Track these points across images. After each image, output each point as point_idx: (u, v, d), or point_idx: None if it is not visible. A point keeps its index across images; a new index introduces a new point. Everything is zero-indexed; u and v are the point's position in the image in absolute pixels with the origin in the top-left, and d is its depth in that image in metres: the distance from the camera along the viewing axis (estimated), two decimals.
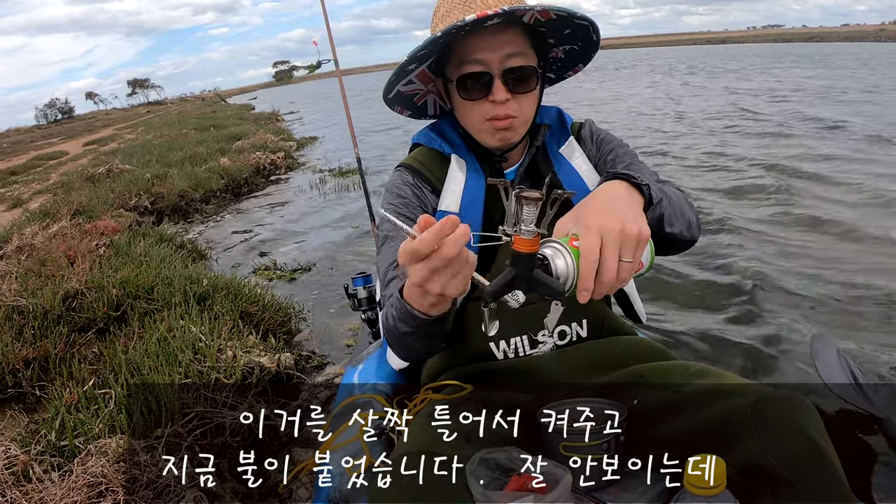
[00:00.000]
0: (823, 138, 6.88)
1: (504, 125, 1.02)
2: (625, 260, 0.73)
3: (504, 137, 1.05)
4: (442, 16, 1.03)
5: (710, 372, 0.97)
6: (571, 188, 1.11)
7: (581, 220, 0.76)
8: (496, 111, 1.00)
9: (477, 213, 1.08)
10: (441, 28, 0.97)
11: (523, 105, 1.03)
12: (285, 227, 5.41)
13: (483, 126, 1.04)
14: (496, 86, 0.99)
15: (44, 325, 2.51)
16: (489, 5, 0.98)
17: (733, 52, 43.39)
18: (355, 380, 1.34)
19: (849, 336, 2.36)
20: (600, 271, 0.72)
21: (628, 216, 0.75)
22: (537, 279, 0.69)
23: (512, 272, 0.69)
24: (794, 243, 3.50)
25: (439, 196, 1.10)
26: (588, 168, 1.13)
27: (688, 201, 1.02)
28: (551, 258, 0.73)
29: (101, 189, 6.28)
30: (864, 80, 14.54)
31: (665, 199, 0.91)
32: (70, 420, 1.68)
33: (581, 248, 0.73)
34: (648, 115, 10.41)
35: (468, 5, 0.99)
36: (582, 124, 1.18)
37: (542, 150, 1.13)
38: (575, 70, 1.17)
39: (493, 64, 0.98)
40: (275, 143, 10.10)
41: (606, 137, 1.16)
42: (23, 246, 3.90)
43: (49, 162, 14.63)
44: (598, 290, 0.73)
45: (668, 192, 0.95)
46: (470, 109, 1.03)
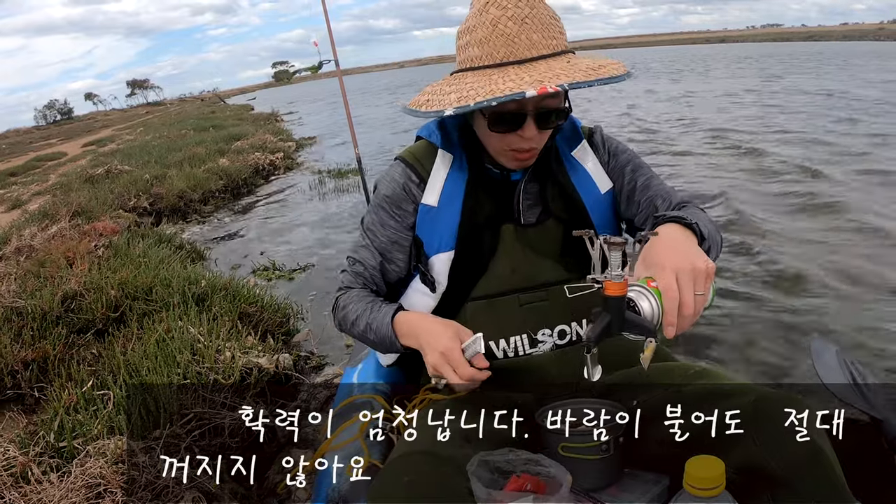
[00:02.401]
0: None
1: (526, 157, 1.04)
2: (698, 294, 0.80)
3: (523, 164, 1.08)
4: (479, 41, 0.97)
5: (710, 372, 0.97)
6: (585, 191, 1.12)
7: (655, 263, 0.83)
8: (521, 145, 1.01)
9: (455, 209, 1.10)
10: (477, 53, 0.96)
11: (546, 135, 1.05)
12: (284, 227, 5.41)
13: (505, 153, 1.05)
14: (528, 124, 0.98)
15: (43, 327, 2.51)
16: (536, 48, 0.95)
17: (732, 51, 43.45)
18: (354, 380, 1.34)
19: (848, 336, 2.36)
20: (681, 307, 0.79)
21: (693, 254, 0.83)
22: (630, 320, 0.77)
23: (607, 316, 0.76)
24: (793, 244, 3.50)
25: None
26: (600, 172, 1.15)
27: (714, 224, 1.05)
28: (636, 300, 0.79)
29: (100, 190, 6.27)
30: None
31: (709, 226, 0.96)
32: (69, 421, 1.67)
33: (662, 287, 0.79)
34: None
35: (512, 43, 0.95)
36: (593, 130, 1.19)
37: (555, 153, 1.13)
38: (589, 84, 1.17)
39: (528, 105, 0.97)
40: (274, 143, 10.10)
41: (620, 147, 1.18)
42: (22, 247, 3.90)
43: (48, 163, 14.62)
44: (680, 325, 0.80)
45: (704, 223, 0.98)
46: (495, 138, 1.03)
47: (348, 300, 1.15)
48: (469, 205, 1.09)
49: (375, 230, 1.15)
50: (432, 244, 1.11)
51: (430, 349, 1.00)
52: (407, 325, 1.06)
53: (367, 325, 1.10)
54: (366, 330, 1.11)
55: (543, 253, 1.10)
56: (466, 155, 1.11)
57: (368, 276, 1.17)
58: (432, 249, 1.11)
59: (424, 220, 1.11)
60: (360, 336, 1.14)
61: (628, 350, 0.92)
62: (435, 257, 1.11)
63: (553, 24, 0.98)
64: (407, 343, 1.06)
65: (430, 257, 1.12)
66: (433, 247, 1.11)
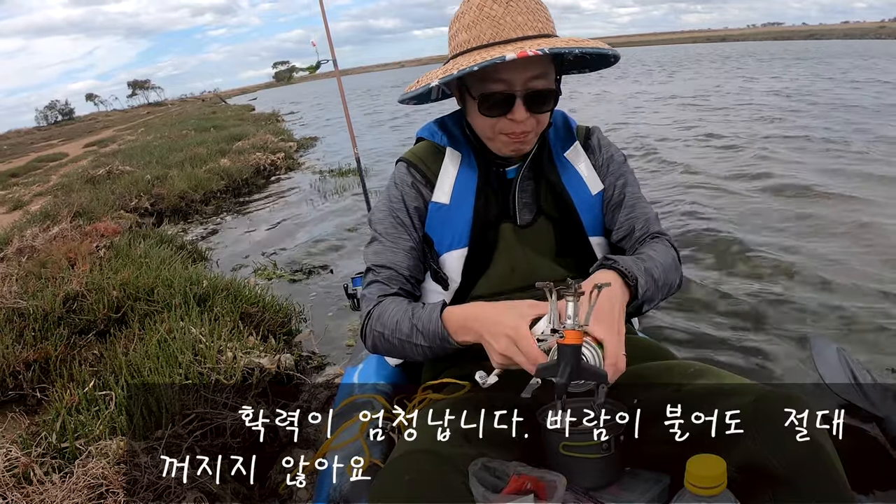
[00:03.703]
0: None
1: (520, 140, 1.05)
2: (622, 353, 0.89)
3: (517, 149, 1.08)
4: (467, 25, 1.01)
5: (710, 372, 0.97)
6: (575, 192, 1.13)
7: (601, 321, 0.89)
8: (513, 129, 1.02)
9: (467, 207, 1.10)
10: (465, 37, 1.00)
11: (540, 120, 1.05)
12: (285, 227, 5.41)
13: (497, 137, 1.06)
14: (517, 106, 1.00)
15: (44, 328, 2.51)
16: (522, 29, 0.98)
17: (730, 50, 43.46)
18: (355, 380, 1.34)
19: (848, 335, 2.36)
20: (618, 364, 0.87)
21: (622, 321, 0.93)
22: (585, 367, 0.83)
23: (568, 364, 0.81)
24: (791, 244, 3.50)
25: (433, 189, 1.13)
26: (591, 174, 1.16)
27: (675, 262, 1.10)
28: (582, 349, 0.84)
29: (101, 191, 6.28)
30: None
31: (651, 283, 1.01)
32: (71, 422, 1.68)
33: (609, 349, 0.87)
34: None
35: (498, 25, 0.98)
36: (590, 131, 1.20)
37: (547, 152, 1.14)
38: (580, 71, 1.18)
39: (516, 85, 0.99)
40: (275, 143, 10.10)
41: (616, 155, 1.19)
42: (23, 248, 3.90)
43: (49, 164, 14.64)
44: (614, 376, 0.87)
45: (656, 271, 1.02)
46: (486, 122, 1.04)
47: (384, 309, 1.07)
48: (481, 202, 1.11)
49: (396, 232, 1.13)
50: (444, 241, 1.12)
51: (493, 336, 0.91)
52: (462, 317, 0.98)
53: (412, 328, 1.01)
54: (411, 334, 1.02)
55: (541, 252, 1.11)
56: (474, 153, 1.12)
57: (404, 279, 1.12)
58: (444, 247, 1.12)
59: (435, 217, 1.12)
60: (405, 343, 1.03)
61: (628, 350, 0.92)
62: (447, 254, 1.12)
63: (539, 8, 1.01)
64: (464, 339, 0.97)
65: (441, 255, 1.12)
66: (444, 244, 1.12)
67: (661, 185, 5.26)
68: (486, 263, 1.11)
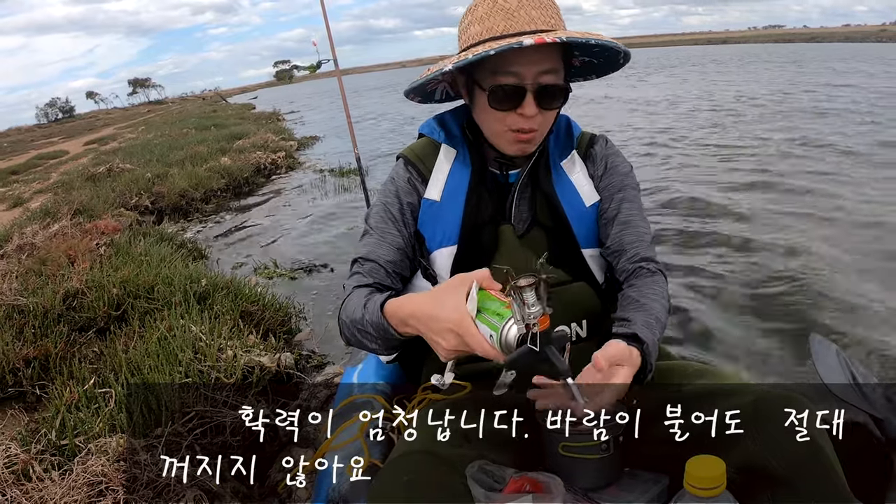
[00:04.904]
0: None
1: (527, 138, 1.04)
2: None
3: (523, 148, 1.07)
4: (480, 17, 1.01)
5: (710, 372, 0.98)
6: (568, 203, 1.11)
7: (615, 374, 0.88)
8: (522, 124, 1.02)
9: (458, 204, 1.10)
10: (478, 29, 1.00)
11: (547, 118, 1.05)
12: (285, 226, 5.41)
13: (505, 134, 1.05)
14: (527, 100, 0.99)
15: (44, 325, 2.51)
16: (535, 23, 0.98)
17: (729, 52, 43.46)
18: (355, 380, 1.34)
19: (848, 335, 2.36)
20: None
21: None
22: (552, 355, 0.81)
23: (555, 351, 0.81)
24: (790, 244, 3.50)
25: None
26: (587, 184, 1.14)
27: (667, 305, 1.06)
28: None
29: (101, 188, 6.28)
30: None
31: (653, 361, 0.96)
32: (70, 419, 1.68)
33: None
34: None
35: (511, 17, 0.98)
36: (594, 139, 1.17)
37: (545, 160, 1.13)
38: (586, 78, 1.18)
39: (527, 78, 0.98)
40: (275, 142, 10.09)
41: (619, 166, 1.16)
42: (23, 245, 3.90)
43: (50, 161, 14.63)
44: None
45: (658, 330, 0.99)
46: (495, 117, 1.03)
47: (349, 299, 1.05)
48: (473, 201, 1.10)
49: (385, 226, 1.12)
50: (434, 239, 1.11)
51: (437, 333, 0.86)
52: (400, 311, 0.94)
53: (363, 319, 0.99)
54: (364, 325, 0.99)
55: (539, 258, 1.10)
56: (469, 151, 1.12)
57: (385, 273, 1.10)
58: (434, 244, 1.12)
59: (427, 214, 1.12)
60: (361, 334, 1.02)
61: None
62: (437, 252, 1.11)
63: (551, 5, 1.02)
64: (405, 331, 0.93)
65: (431, 252, 1.12)
66: (435, 241, 1.11)
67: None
68: (480, 264, 1.10)
